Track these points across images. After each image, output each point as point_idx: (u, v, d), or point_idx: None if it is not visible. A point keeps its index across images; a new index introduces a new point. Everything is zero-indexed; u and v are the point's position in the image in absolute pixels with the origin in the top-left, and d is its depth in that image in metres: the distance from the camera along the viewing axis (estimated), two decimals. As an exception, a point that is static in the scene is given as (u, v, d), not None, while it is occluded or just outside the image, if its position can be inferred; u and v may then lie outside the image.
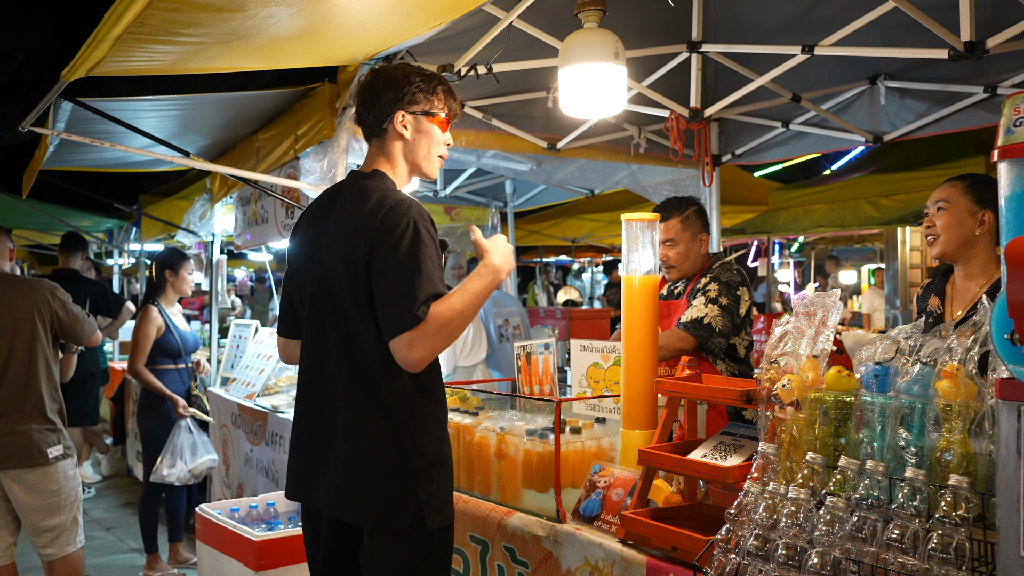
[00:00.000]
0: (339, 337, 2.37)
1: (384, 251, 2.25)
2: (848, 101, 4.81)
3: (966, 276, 2.95)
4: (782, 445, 2.22)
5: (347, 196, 2.43)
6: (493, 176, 7.16)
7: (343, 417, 2.36)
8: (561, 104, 2.94)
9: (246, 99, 4.80)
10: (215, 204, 6.38)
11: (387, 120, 2.44)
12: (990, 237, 2.92)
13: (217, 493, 6.10)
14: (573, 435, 2.93)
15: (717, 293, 3.66)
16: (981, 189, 2.90)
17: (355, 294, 2.30)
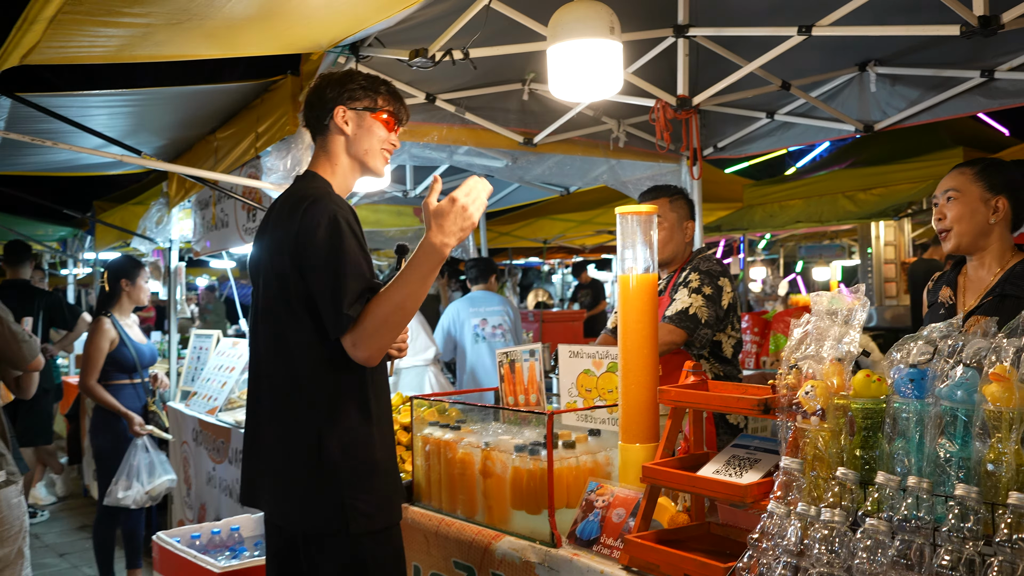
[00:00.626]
0: (270, 342, 2.42)
1: (308, 252, 2.26)
2: (836, 89, 4.62)
3: (979, 265, 2.80)
4: (805, 459, 1.99)
5: (280, 202, 2.49)
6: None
7: (273, 421, 2.41)
8: (551, 86, 2.70)
9: (203, 94, 4.50)
10: (172, 208, 6.06)
11: (328, 116, 2.44)
12: (1005, 224, 2.75)
13: (178, 515, 5.77)
14: (566, 450, 2.68)
15: (699, 283, 3.47)
16: (993, 174, 2.74)
17: (285, 297, 2.34)
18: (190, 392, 5.85)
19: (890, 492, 1.79)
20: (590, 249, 13.69)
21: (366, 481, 2.34)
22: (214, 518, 5.12)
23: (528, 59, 4.43)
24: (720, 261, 3.58)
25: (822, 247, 16.41)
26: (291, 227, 2.31)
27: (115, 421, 5.11)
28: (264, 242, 2.49)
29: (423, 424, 3.16)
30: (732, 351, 3.66)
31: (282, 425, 2.39)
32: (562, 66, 2.67)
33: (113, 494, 4.96)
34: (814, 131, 4.89)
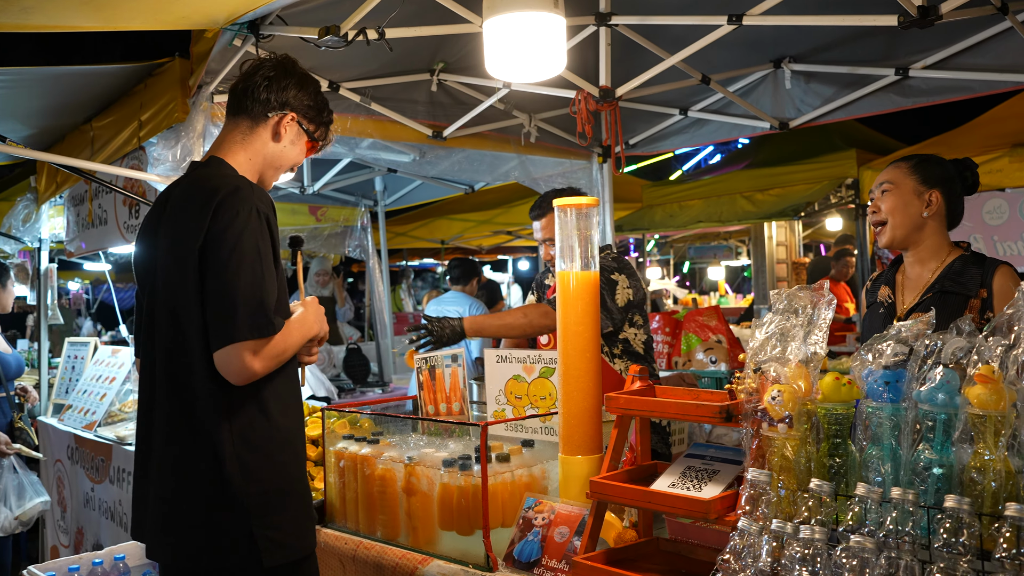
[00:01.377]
0: (165, 352, 2.14)
1: (224, 247, 2.02)
2: (751, 86, 4.57)
3: (916, 262, 2.78)
4: (772, 470, 1.84)
5: (179, 192, 2.21)
6: (363, 171, 6.58)
7: (167, 440, 2.13)
8: (487, 65, 2.47)
9: (77, 77, 4.06)
10: (42, 205, 5.52)
11: (277, 112, 2.25)
12: (939, 219, 2.75)
13: (51, 540, 5.25)
14: (500, 464, 2.46)
15: None
16: (928, 168, 2.74)
17: (187, 300, 2.06)
18: (64, 405, 5.33)
19: (872, 505, 1.65)
20: (487, 250, 13.51)
21: (281, 508, 2.11)
22: (92, 544, 4.67)
23: (438, 46, 4.20)
24: (619, 256, 3.44)
25: (710, 247, 16.75)
26: (201, 219, 2.05)
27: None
28: (160, 236, 2.19)
29: (336, 437, 2.89)
30: (643, 347, 3.54)
31: (178, 444, 2.11)
32: (499, 43, 2.44)
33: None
34: (728, 128, 4.83)
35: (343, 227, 7.35)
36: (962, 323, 1.79)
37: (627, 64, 4.17)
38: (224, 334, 1.99)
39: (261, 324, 2.00)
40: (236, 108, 2.28)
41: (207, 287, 2.03)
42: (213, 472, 2.06)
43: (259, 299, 2.01)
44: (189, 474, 2.09)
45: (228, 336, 1.99)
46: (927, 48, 3.92)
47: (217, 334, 2.00)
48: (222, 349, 1.99)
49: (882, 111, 4.24)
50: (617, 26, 3.64)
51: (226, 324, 1.99)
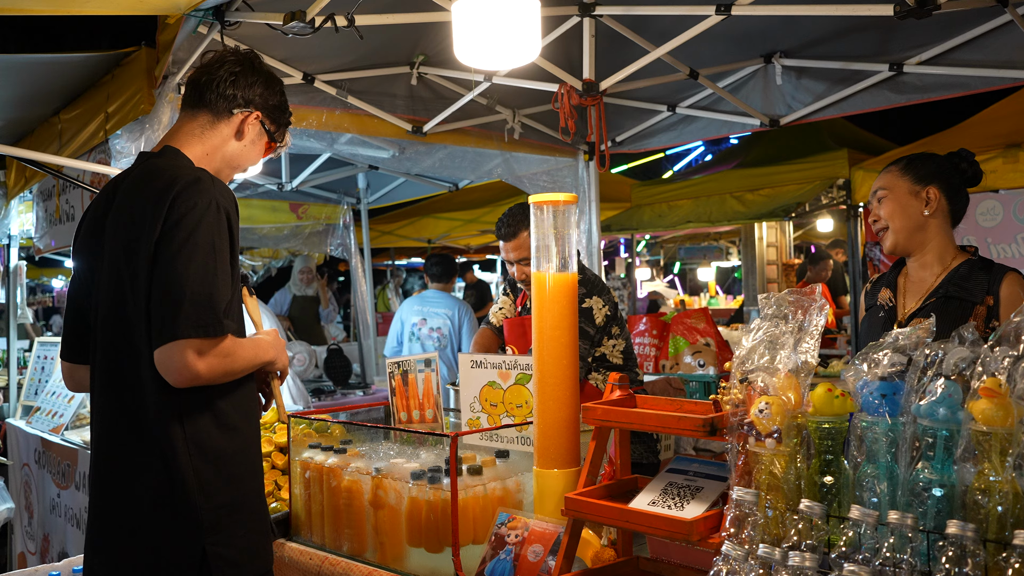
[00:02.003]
0: (111, 351, 1.99)
1: (177, 238, 1.88)
2: (741, 81, 4.44)
3: (920, 266, 2.67)
4: (759, 488, 1.70)
5: (130, 183, 2.07)
6: (345, 168, 6.42)
7: (105, 451, 2.01)
8: (456, 50, 2.32)
9: (42, 66, 3.90)
10: (10, 201, 5.36)
11: (241, 108, 2.14)
12: (942, 217, 2.63)
13: (18, 546, 5.09)
14: (472, 476, 2.31)
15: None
16: (919, 166, 2.64)
17: (136, 296, 1.92)
18: (32, 407, 5.17)
19: (867, 529, 1.51)
20: (475, 249, 13.35)
21: (231, 521, 1.97)
22: (58, 551, 4.51)
23: (418, 39, 4.06)
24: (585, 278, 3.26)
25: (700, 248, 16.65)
26: (157, 210, 1.91)
27: None
28: (108, 230, 2.04)
29: (303, 446, 2.74)
30: (622, 356, 3.40)
31: (122, 451, 1.96)
32: (469, 27, 2.29)
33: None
34: (717, 125, 4.69)
35: (325, 225, 7.18)
36: (965, 331, 1.65)
37: (612, 58, 4.03)
38: (166, 330, 1.84)
39: (208, 322, 1.85)
40: (196, 100, 2.15)
41: (153, 278, 1.89)
42: (163, 483, 1.92)
43: (208, 295, 1.87)
44: (135, 485, 1.95)
45: (171, 332, 1.83)
46: (922, 43, 3.80)
47: (160, 330, 1.85)
48: (164, 346, 1.84)
49: (876, 108, 4.11)
50: (601, 17, 3.50)
51: (170, 319, 1.84)
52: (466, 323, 5.89)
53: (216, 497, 1.96)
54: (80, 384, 2.23)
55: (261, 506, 2.11)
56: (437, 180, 6.72)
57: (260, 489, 2.11)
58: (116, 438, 1.99)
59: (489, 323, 3.77)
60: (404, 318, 5.84)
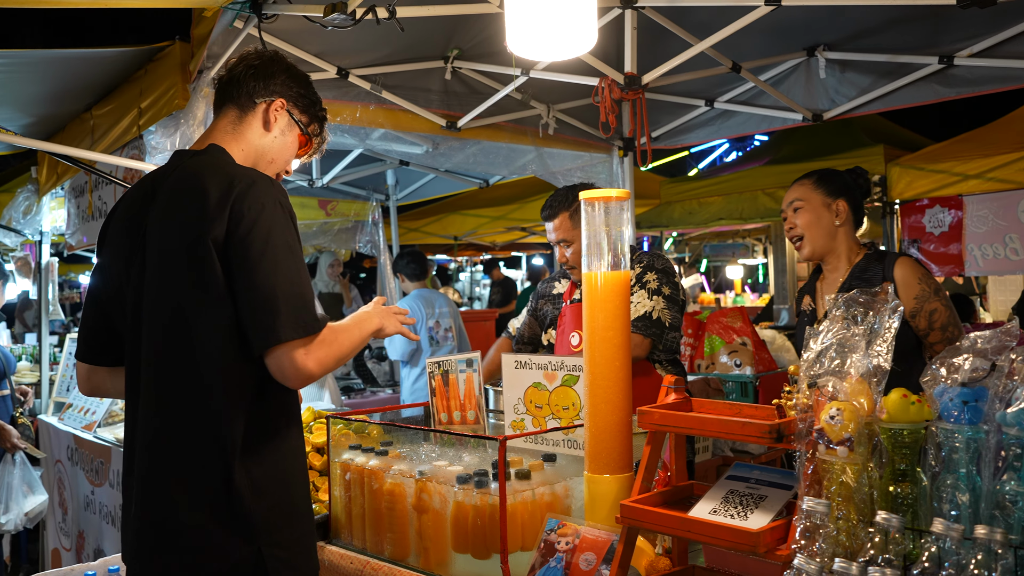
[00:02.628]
0: (160, 354, 1.93)
1: (255, 246, 1.86)
2: (782, 75, 4.34)
3: (832, 268, 2.97)
4: (831, 499, 1.62)
5: (176, 181, 2.00)
6: (375, 164, 6.37)
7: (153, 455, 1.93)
8: (508, 41, 2.25)
9: (75, 61, 3.88)
10: (42, 197, 5.35)
11: (265, 97, 2.11)
12: (848, 225, 2.94)
13: (52, 543, 5.09)
14: (520, 481, 2.25)
15: (658, 283, 3.12)
16: (830, 181, 2.96)
17: (198, 298, 1.88)
18: (64, 404, 5.16)
19: (950, 544, 1.43)
20: (501, 246, 13.29)
21: (285, 524, 1.95)
22: (94, 548, 4.50)
23: (452, 32, 3.99)
24: (669, 259, 3.24)
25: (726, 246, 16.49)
26: (217, 212, 1.87)
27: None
28: (151, 229, 1.98)
29: (342, 446, 2.69)
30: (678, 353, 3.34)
31: (175, 454, 1.90)
32: (522, 16, 2.21)
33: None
34: (756, 120, 4.60)
35: (354, 222, 7.15)
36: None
37: (652, 51, 3.94)
38: (271, 336, 1.84)
39: (307, 320, 1.87)
40: (222, 99, 2.14)
41: (238, 288, 1.86)
42: (220, 485, 1.87)
43: (300, 295, 1.89)
44: (188, 488, 1.89)
45: (275, 338, 1.83)
46: (974, 35, 3.68)
47: (263, 337, 1.84)
48: (271, 353, 1.85)
49: (923, 102, 3.99)
50: (644, 8, 3.42)
51: (271, 326, 1.84)
52: (459, 318, 5.95)
53: (271, 498, 1.93)
54: (98, 388, 2.19)
55: (309, 507, 2.07)
56: (469, 176, 6.66)
57: (308, 490, 2.08)
58: (164, 440, 1.93)
59: (509, 333, 3.67)
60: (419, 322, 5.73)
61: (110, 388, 2.19)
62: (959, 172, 5.71)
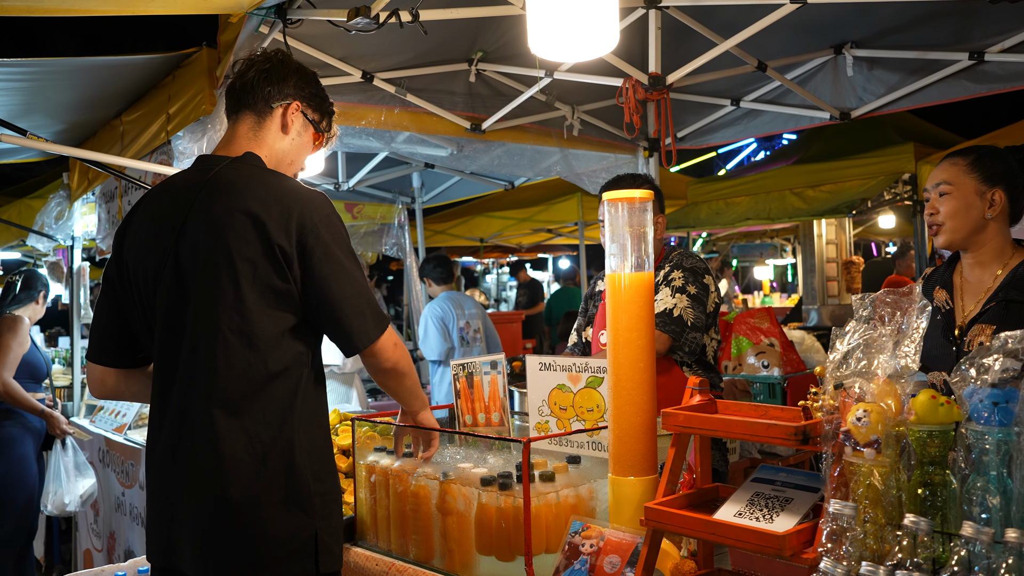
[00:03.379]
0: (219, 352, 1.96)
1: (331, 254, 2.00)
2: (809, 74, 4.29)
3: (977, 263, 2.52)
4: (858, 501, 1.60)
5: (225, 184, 2.03)
6: (400, 167, 6.39)
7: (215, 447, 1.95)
8: (531, 42, 2.25)
9: (104, 68, 3.93)
10: (74, 202, 5.43)
11: (281, 102, 2.15)
12: (1003, 218, 2.50)
13: (84, 544, 5.16)
14: (544, 483, 2.24)
15: (683, 281, 3.08)
16: (988, 164, 2.48)
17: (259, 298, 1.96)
18: (96, 407, 5.23)
19: (981, 548, 1.41)
20: (527, 248, 13.30)
21: (331, 510, 2.07)
22: (124, 550, 4.56)
23: (476, 35, 4.00)
24: (702, 258, 3.18)
25: (754, 246, 16.36)
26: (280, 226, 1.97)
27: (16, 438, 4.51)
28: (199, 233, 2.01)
29: (367, 449, 2.70)
30: (713, 355, 3.29)
31: (240, 437, 1.94)
32: (544, 16, 2.21)
33: (56, 504, 4.47)
34: (783, 119, 4.56)
35: (380, 224, 7.19)
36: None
37: (676, 51, 3.92)
38: (364, 337, 2.04)
39: (383, 317, 2.09)
40: (237, 106, 2.17)
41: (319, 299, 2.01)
42: (287, 468, 1.97)
43: (371, 297, 2.08)
44: (257, 473, 1.94)
45: (367, 338, 2.04)
46: (1005, 30, 3.62)
47: (359, 339, 2.04)
48: (368, 351, 2.06)
49: (954, 99, 3.93)
50: (668, 8, 3.40)
51: (362, 329, 2.03)
52: (488, 319, 5.98)
53: (323, 483, 2.03)
54: (113, 391, 2.21)
55: (341, 497, 2.14)
56: (494, 179, 6.67)
57: (339, 482, 2.15)
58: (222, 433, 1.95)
59: (570, 347, 3.61)
60: (447, 323, 5.78)
61: (125, 391, 2.21)
62: (991, 170, 5.61)
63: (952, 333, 2.53)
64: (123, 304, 2.13)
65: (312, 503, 1.99)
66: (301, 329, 2.03)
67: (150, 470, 2.10)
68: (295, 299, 2.00)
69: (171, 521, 2.02)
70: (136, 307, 2.09)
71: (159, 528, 2.06)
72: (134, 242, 2.11)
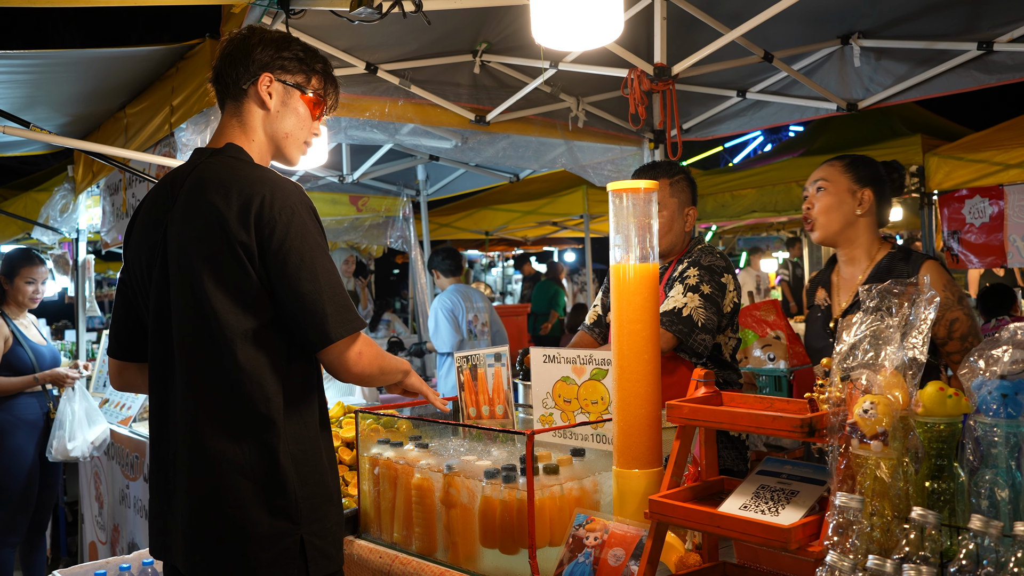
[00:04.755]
0: (193, 351, 1.95)
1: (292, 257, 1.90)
2: (815, 64, 4.26)
3: (849, 261, 2.84)
4: (864, 494, 1.59)
5: (197, 179, 1.99)
6: (405, 160, 6.38)
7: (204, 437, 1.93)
8: (534, 31, 2.23)
9: (108, 60, 3.92)
10: (79, 195, 5.43)
11: (251, 80, 2.06)
12: (871, 217, 2.79)
13: (89, 536, 5.17)
14: (548, 476, 2.23)
15: (698, 280, 2.99)
16: (860, 167, 2.81)
17: (225, 296, 1.91)
18: (101, 399, 5.24)
19: (990, 542, 1.39)
20: (532, 241, 13.27)
21: (322, 513, 2.00)
22: (128, 542, 4.56)
23: (481, 26, 3.98)
24: (724, 255, 3.11)
25: (760, 239, 16.30)
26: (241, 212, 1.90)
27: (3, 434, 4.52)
28: (175, 228, 1.99)
29: (371, 441, 2.69)
30: (731, 353, 3.22)
31: (221, 440, 1.91)
32: (548, 5, 2.18)
33: (59, 448, 4.44)
34: (789, 110, 4.53)
35: (385, 217, 7.17)
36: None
37: (682, 41, 3.89)
38: (322, 337, 1.92)
39: (352, 320, 1.95)
40: (219, 97, 2.13)
41: (282, 295, 1.92)
42: (269, 471, 1.91)
43: (341, 295, 1.96)
44: (236, 477, 1.91)
45: (326, 338, 1.92)
46: (1013, 19, 3.58)
47: (315, 339, 1.93)
48: (324, 352, 1.95)
49: (962, 89, 3.90)
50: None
51: (321, 328, 1.92)
52: (494, 313, 5.99)
53: (311, 486, 1.97)
54: (129, 383, 2.23)
55: (339, 500, 2.09)
56: (498, 171, 6.65)
57: (338, 481, 2.11)
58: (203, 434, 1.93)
59: (586, 326, 3.55)
60: (457, 315, 5.78)
61: (141, 384, 2.22)
62: (1000, 161, 5.57)
63: (829, 326, 2.81)
64: (132, 299, 2.13)
65: (298, 509, 1.93)
66: (276, 326, 1.95)
67: (150, 464, 2.11)
68: (264, 295, 1.93)
69: (166, 517, 2.02)
70: (141, 302, 2.09)
71: (156, 523, 2.07)
72: (135, 238, 2.12)
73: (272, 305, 1.94)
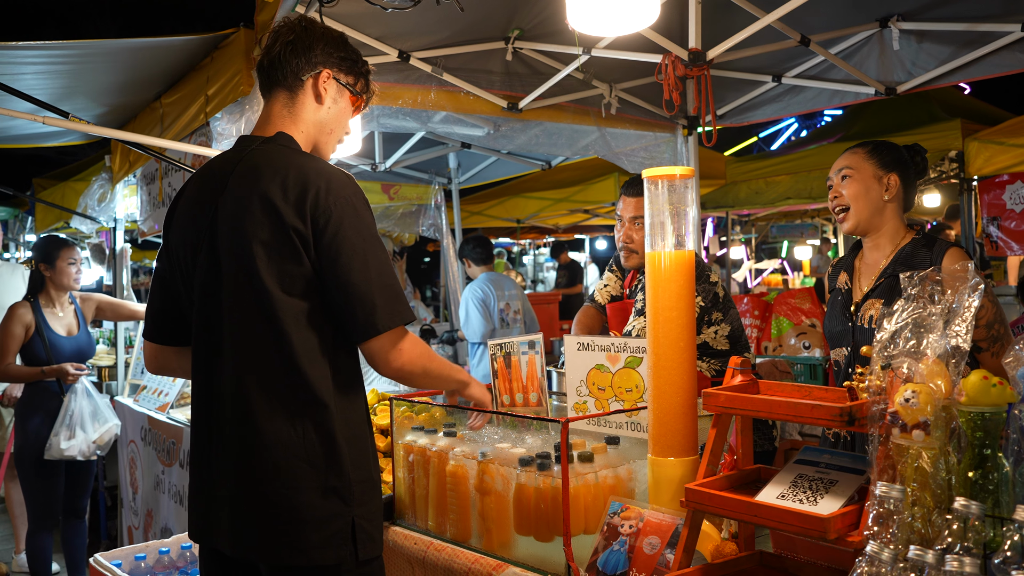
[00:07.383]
0: (246, 334, 1.97)
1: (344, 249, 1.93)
2: (853, 48, 4.19)
3: (874, 247, 2.82)
4: (905, 484, 1.56)
5: (252, 165, 2.01)
6: (437, 148, 6.38)
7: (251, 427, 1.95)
8: (569, 15, 2.21)
9: (144, 50, 3.96)
10: (116, 184, 5.49)
11: (311, 72, 2.09)
12: (898, 202, 2.78)
13: (126, 520, 5.25)
14: (583, 464, 2.22)
15: None
16: (884, 152, 2.81)
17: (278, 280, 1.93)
18: (139, 386, 5.32)
19: (1036, 532, 1.36)
20: (564, 229, 13.23)
21: (370, 496, 2.03)
22: (161, 527, 4.63)
23: (513, 13, 3.96)
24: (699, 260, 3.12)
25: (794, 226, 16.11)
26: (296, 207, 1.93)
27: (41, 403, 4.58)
28: (225, 215, 2.01)
29: (405, 428, 2.70)
30: (727, 341, 3.21)
31: (276, 420, 1.93)
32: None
33: (55, 446, 4.46)
34: (827, 95, 4.45)
35: (416, 206, 7.19)
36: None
37: (717, 26, 3.84)
38: (369, 328, 1.93)
39: (402, 311, 1.97)
40: (268, 83, 2.14)
41: (333, 284, 1.94)
42: (327, 453, 1.94)
43: (392, 287, 1.98)
44: (296, 457, 1.93)
45: (373, 329, 1.93)
46: (1060, -1, 3.50)
47: (362, 329, 1.94)
48: (368, 343, 1.96)
49: (1007, 72, 3.81)
50: (708, -18, 3.33)
51: (369, 319, 1.93)
52: (527, 301, 5.94)
53: (361, 471, 2.00)
54: (164, 366, 2.25)
55: (380, 485, 2.11)
56: (531, 158, 6.63)
57: (379, 467, 2.13)
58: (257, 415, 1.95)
59: (593, 300, 3.64)
60: (488, 304, 5.79)
61: (176, 368, 2.25)
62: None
63: (849, 310, 2.79)
64: (171, 285, 2.15)
65: (351, 491, 1.97)
66: (325, 312, 1.98)
67: (192, 447, 2.13)
68: (314, 282, 1.95)
69: (210, 500, 2.03)
70: (181, 288, 2.11)
71: (197, 506, 2.08)
72: (178, 224, 2.13)
73: (321, 293, 1.97)
